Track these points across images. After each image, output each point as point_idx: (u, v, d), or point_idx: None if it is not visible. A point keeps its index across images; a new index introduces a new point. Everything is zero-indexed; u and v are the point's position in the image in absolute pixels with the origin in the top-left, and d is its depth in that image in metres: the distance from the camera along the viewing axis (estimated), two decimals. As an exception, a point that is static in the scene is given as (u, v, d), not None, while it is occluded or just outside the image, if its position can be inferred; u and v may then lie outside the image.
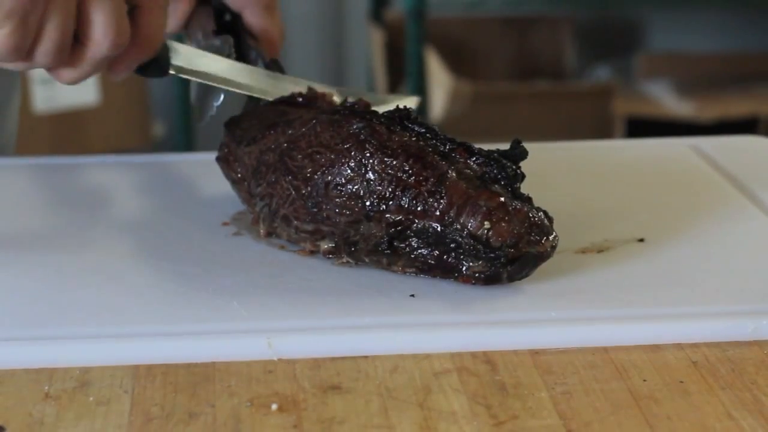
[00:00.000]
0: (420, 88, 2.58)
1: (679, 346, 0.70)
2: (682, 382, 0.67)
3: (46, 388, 0.66)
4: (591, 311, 0.73)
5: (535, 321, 0.72)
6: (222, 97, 0.88)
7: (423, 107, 2.56)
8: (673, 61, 3.03)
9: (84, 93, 2.44)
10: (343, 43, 3.02)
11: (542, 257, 0.74)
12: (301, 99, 0.87)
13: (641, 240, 0.83)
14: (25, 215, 0.89)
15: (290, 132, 0.81)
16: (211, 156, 0.93)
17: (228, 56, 0.89)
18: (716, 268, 0.79)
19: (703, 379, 0.67)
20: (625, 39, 3.12)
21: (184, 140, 2.70)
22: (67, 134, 2.43)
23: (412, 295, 0.75)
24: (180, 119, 2.70)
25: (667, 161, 1.01)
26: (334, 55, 3.02)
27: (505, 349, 0.70)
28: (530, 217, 0.74)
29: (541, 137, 1.25)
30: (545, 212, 0.75)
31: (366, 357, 0.69)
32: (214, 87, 0.88)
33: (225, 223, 0.87)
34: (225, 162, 0.87)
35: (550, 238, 0.74)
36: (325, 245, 0.79)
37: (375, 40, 2.83)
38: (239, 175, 0.85)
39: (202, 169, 0.97)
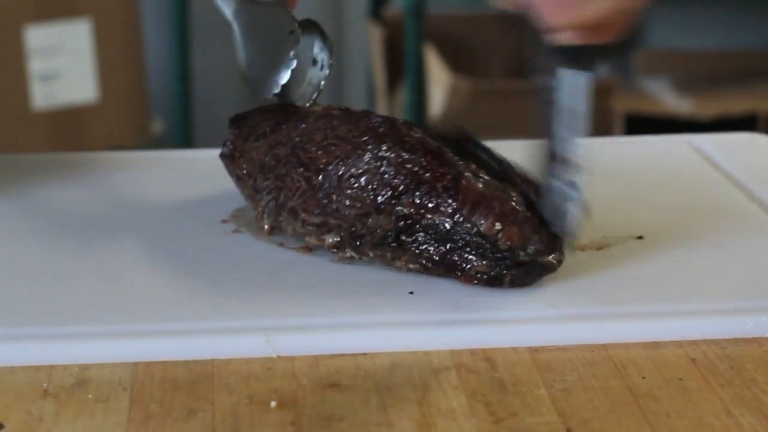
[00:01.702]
0: (419, 86, 2.58)
1: (678, 344, 0.70)
2: (681, 379, 0.67)
3: (45, 385, 0.66)
4: (590, 309, 0.73)
5: (533, 318, 0.72)
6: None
7: (423, 104, 2.56)
8: (672, 58, 3.03)
9: (83, 90, 2.44)
10: (342, 40, 3.01)
11: (547, 268, 0.74)
12: None
13: (640, 237, 0.83)
14: (23, 213, 0.89)
15: (304, 126, 0.81)
16: (210, 153, 0.93)
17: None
18: (715, 266, 0.79)
19: (702, 376, 0.67)
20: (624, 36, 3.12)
21: (183, 137, 2.70)
22: (65, 131, 2.43)
23: (411, 293, 0.75)
24: (179, 116, 2.70)
25: (666, 158, 1.01)
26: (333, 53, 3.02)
27: (504, 347, 0.70)
28: (542, 228, 0.74)
29: (539, 134, 1.24)
30: (559, 231, 0.75)
31: (365, 354, 0.69)
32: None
33: (224, 221, 0.86)
34: (230, 159, 0.86)
35: (558, 252, 0.74)
36: (331, 239, 0.78)
37: (374, 37, 2.83)
38: (244, 171, 0.85)
39: (201, 166, 0.97)
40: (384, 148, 0.76)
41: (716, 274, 0.78)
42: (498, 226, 0.73)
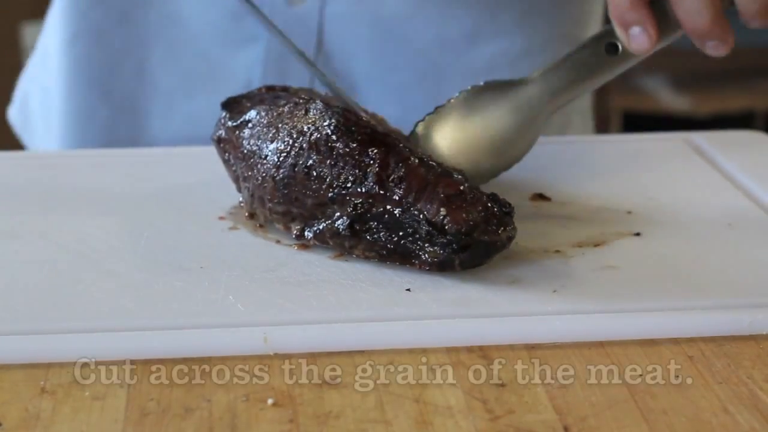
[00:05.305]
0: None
1: (676, 341, 0.70)
2: (678, 376, 0.67)
3: (42, 383, 0.66)
4: (587, 305, 0.73)
5: (530, 315, 0.72)
6: None
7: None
8: (669, 55, 3.03)
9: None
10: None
11: (495, 247, 0.75)
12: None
13: (637, 234, 0.83)
14: (20, 209, 0.89)
15: (274, 114, 0.83)
16: (207, 149, 0.93)
17: None
18: (712, 263, 0.79)
19: (699, 373, 0.67)
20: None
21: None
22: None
23: (408, 290, 0.75)
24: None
25: (663, 156, 1.01)
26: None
27: (501, 344, 0.70)
28: (488, 207, 0.74)
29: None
30: (506, 203, 0.75)
31: (362, 351, 0.69)
32: None
33: (221, 218, 0.86)
34: (218, 142, 0.88)
35: (507, 228, 0.75)
36: (295, 227, 0.80)
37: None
38: (227, 156, 0.87)
39: (198, 163, 0.97)
40: (333, 138, 0.77)
41: (713, 271, 0.78)
42: (443, 211, 0.74)
